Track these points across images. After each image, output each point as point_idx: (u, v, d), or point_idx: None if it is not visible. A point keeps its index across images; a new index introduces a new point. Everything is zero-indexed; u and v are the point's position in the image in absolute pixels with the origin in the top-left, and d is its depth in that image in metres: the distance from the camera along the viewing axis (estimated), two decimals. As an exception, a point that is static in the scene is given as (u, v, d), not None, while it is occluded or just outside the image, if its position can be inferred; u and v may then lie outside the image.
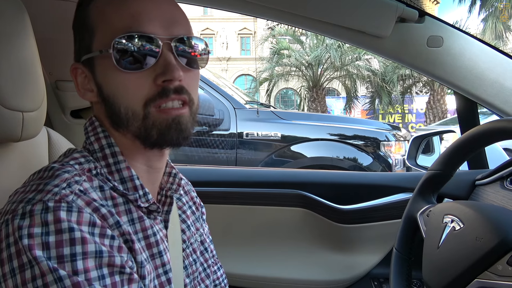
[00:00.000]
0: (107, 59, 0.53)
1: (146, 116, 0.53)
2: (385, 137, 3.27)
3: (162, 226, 0.59)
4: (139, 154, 0.58)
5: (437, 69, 1.08)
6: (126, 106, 0.53)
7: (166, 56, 0.53)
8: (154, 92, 0.53)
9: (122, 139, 0.57)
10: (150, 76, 0.53)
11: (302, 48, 14.59)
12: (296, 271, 1.30)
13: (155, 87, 0.53)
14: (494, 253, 0.57)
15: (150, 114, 0.53)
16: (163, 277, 0.55)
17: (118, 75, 0.53)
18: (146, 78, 0.53)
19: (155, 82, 0.53)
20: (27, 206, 0.45)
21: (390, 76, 13.61)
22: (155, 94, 0.53)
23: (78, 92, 0.58)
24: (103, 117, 0.58)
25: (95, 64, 0.55)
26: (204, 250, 0.73)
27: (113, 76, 0.53)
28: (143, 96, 0.53)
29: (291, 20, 1.13)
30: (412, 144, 1.50)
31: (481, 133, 0.71)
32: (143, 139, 0.54)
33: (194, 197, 0.77)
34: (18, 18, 0.64)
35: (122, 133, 0.56)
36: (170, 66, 0.52)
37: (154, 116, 0.53)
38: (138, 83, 0.53)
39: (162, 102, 0.53)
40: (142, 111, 0.53)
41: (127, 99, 0.53)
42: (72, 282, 0.42)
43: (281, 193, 1.33)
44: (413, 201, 0.85)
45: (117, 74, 0.53)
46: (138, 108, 0.53)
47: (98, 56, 0.54)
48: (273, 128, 3.20)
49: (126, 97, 0.53)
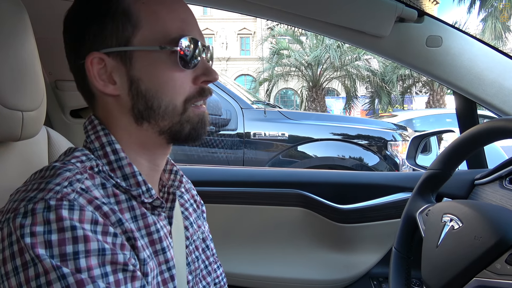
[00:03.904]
0: (155, 54, 0.55)
1: (184, 112, 0.57)
2: (392, 137, 3.27)
3: (167, 223, 0.60)
4: (149, 152, 0.59)
5: (436, 69, 1.09)
6: (168, 101, 0.56)
7: (203, 59, 0.59)
8: (194, 91, 0.58)
9: (141, 135, 0.58)
10: (191, 76, 0.58)
11: (302, 48, 14.59)
12: (296, 270, 1.30)
13: (195, 86, 0.58)
14: (492, 252, 0.58)
15: (187, 110, 0.57)
16: (167, 273, 0.56)
17: (168, 72, 0.55)
18: (189, 77, 0.58)
19: (194, 82, 0.58)
20: (29, 204, 0.45)
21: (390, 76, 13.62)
22: (195, 92, 0.58)
23: (97, 83, 0.55)
24: (120, 112, 0.57)
25: (134, 57, 0.55)
26: (205, 248, 0.73)
27: (161, 72, 0.55)
28: (185, 93, 0.57)
29: (291, 20, 1.13)
30: (411, 144, 1.50)
31: (480, 133, 0.71)
32: (174, 133, 0.58)
33: (194, 195, 0.78)
34: (18, 17, 0.64)
35: (145, 128, 0.57)
36: (210, 69, 0.59)
37: (190, 112, 0.57)
38: (183, 81, 0.57)
39: (198, 100, 0.58)
40: (182, 106, 0.57)
41: (171, 95, 0.56)
42: (76, 280, 0.42)
43: (281, 193, 1.33)
44: (412, 200, 0.85)
45: (167, 70, 0.55)
46: (179, 104, 0.56)
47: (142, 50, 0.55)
48: (280, 128, 3.21)
49: (171, 93, 0.56)
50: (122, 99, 0.56)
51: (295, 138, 3.20)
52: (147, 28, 0.55)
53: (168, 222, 0.60)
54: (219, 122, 3.17)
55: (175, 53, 0.55)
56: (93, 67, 0.55)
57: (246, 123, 3.22)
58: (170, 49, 0.55)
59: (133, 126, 0.57)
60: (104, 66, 0.55)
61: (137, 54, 0.55)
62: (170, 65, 0.55)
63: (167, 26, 0.55)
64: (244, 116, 3.23)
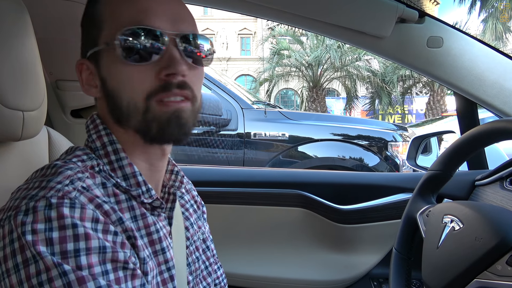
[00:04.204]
0: (112, 52, 0.53)
1: (147, 110, 0.53)
2: (393, 138, 3.27)
3: (166, 223, 0.60)
4: (140, 152, 0.58)
5: (437, 70, 1.08)
6: (128, 99, 0.54)
7: (171, 51, 0.53)
8: (157, 85, 0.53)
9: (125, 135, 0.57)
10: (154, 69, 0.53)
11: (302, 49, 14.60)
12: (296, 271, 1.30)
13: (158, 80, 0.53)
14: (493, 253, 0.58)
15: (151, 107, 0.53)
16: (166, 273, 0.56)
17: (123, 68, 0.53)
18: (150, 72, 0.53)
19: (158, 76, 0.53)
20: (30, 202, 0.45)
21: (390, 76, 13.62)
22: (158, 87, 0.53)
23: (82, 88, 0.58)
24: (106, 113, 0.58)
25: (100, 58, 0.56)
26: (206, 248, 0.73)
27: (118, 69, 0.54)
28: (145, 89, 0.53)
29: (291, 20, 1.13)
30: (411, 144, 1.50)
31: (481, 134, 0.71)
32: (143, 133, 0.54)
33: (195, 195, 0.78)
34: (18, 17, 0.64)
35: (124, 129, 0.56)
36: (175, 60, 0.52)
37: (155, 110, 0.53)
38: (141, 76, 0.53)
39: (164, 96, 0.53)
40: (143, 104, 0.53)
41: (130, 92, 0.53)
42: (77, 276, 0.42)
43: (281, 193, 1.33)
44: (413, 201, 0.85)
45: (122, 67, 0.53)
46: (140, 101, 0.53)
47: (103, 49, 0.55)
48: (281, 128, 3.21)
49: (129, 90, 0.54)
50: (102, 100, 0.57)
51: (295, 138, 3.20)
52: (107, 27, 0.55)
53: (168, 223, 0.60)
54: (219, 122, 3.17)
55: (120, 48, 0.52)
56: (82, 73, 0.58)
57: (246, 123, 3.22)
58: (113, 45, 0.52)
59: (116, 126, 0.57)
60: (90, 71, 0.58)
61: (101, 54, 0.55)
62: (120, 60, 0.53)
63: (121, 20, 0.53)
64: (244, 116, 3.23)
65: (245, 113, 3.24)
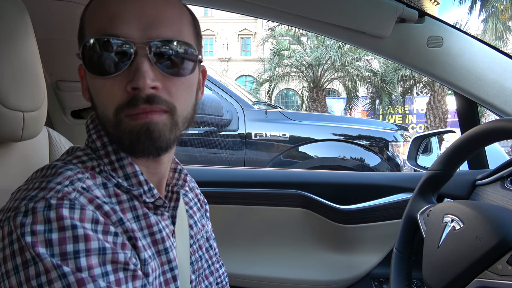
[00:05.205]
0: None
1: (118, 123, 0.51)
2: (393, 138, 3.27)
3: (170, 222, 0.59)
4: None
5: (437, 69, 1.08)
6: (101, 112, 0.53)
7: (138, 61, 0.49)
8: (125, 99, 0.50)
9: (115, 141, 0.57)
10: (123, 82, 0.50)
11: (303, 49, 14.59)
12: (297, 271, 1.30)
13: (126, 94, 0.49)
14: (494, 252, 0.57)
15: (122, 121, 0.50)
16: (169, 274, 0.55)
17: (94, 80, 0.52)
18: (119, 85, 0.50)
19: (125, 89, 0.49)
20: (30, 203, 0.45)
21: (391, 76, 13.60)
22: (125, 101, 0.50)
23: (82, 92, 0.58)
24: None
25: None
26: (209, 247, 0.73)
27: (91, 81, 0.53)
28: (114, 103, 0.50)
29: (291, 20, 1.13)
30: (412, 144, 1.50)
31: (481, 133, 0.71)
32: (119, 145, 0.54)
33: (198, 194, 0.77)
34: (19, 18, 0.64)
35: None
36: (139, 72, 0.48)
37: (125, 123, 0.50)
38: (110, 89, 0.50)
39: (131, 111, 0.49)
40: (113, 118, 0.51)
41: (101, 105, 0.52)
42: (76, 278, 0.42)
43: (282, 193, 1.33)
44: (413, 201, 0.85)
45: (92, 79, 0.52)
46: (110, 115, 0.51)
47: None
48: (282, 129, 3.21)
49: (100, 102, 0.52)
50: None
51: (296, 138, 3.20)
52: (87, 35, 0.53)
53: (172, 222, 0.60)
54: (220, 122, 3.18)
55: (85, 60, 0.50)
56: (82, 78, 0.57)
57: (247, 123, 3.22)
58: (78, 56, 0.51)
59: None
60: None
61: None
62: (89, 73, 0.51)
63: (92, 28, 0.51)
64: (245, 117, 3.24)
65: (245, 114, 3.25)
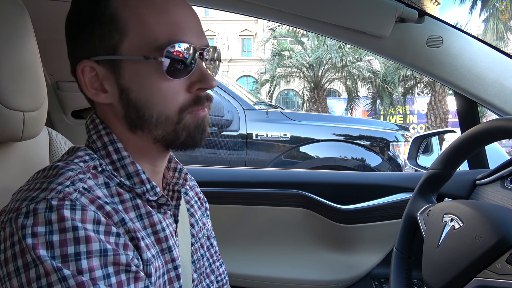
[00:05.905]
0: (144, 64, 0.52)
1: (179, 121, 0.54)
2: (395, 138, 3.27)
3: (172, 221, 0.59)
4: (145, 155, 0.58)
5: (437, 69, 1.09)
6: (160, 111, 0.53)
7: (200, 65, 0.55)
8: (189, 99, 0.54)
9: (135, 141, 0.56)
10: (185, 83, 0.54)
11: (303, 49, 14.59)
12: (297, 271, 1.30)
13: (189, 94, 0.54)
14: (493, 251, 0.58)
15: (183, 119, 0.54)
16: (172, 272, 0.56)
17: (157, 82, 0.52)
18: (182, 86, 0.54)
19: (189, 90, 0.54)
20: (31, 204, 0.45)
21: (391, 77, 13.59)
22: (190, 101, 0.54)
23: (86, 91, 0.55)
24: (115, 119, 0.56)
25: (122, 66, 0.53)
26: (210, 246, 0.73)
27: (151, 82, 0.52)
28: (179, 103, 0.54)
29: (291, 20, 1.14)
30: (412, 144, 1.50)
31: (481, 132, 0.71)
32: (169, 142, 0.55)
33: (198, 192, 0.77)
34: (19, 19, 0.64)
35: (139, 136, 0.56)
36: (207, 75, 0.54)
37: (186, 120, 0.54)
38: (175, 90, 0.53)
39: (196, 109, 0.55)
40: (176, 117, 0.54)
41: (163, 105, 0.53)
42: (77, 282, 0.42)
43: (282, 193, 1.33)
44: (413, 200, 0.85)
45: (156, 80, 0.52)
46: (173, 114, 0.54)
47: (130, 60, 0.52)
48: (282, 129, 3.21)
49: (162, 103, 0.53)
50: (115, 107, 0.55)
51: (297, 139, 3.20)
52: (134, 35, 0.52)
53: (174, 221, 0.60)
54: (221, 123, 3.18)
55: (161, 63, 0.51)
56: (85, 75, 0.54)
57: (248, 124, 3.23)
58: (155, 59, 0.51)
59: (128, 132, 0.56)
60: (96, 74, 0.54)
61: (125, 63, 0.53)
62: (159, 75, 0.52)
63: (155, 32, 0.51)
64: (246, 117, 3.24)
65: (246, 114, 3.25)
